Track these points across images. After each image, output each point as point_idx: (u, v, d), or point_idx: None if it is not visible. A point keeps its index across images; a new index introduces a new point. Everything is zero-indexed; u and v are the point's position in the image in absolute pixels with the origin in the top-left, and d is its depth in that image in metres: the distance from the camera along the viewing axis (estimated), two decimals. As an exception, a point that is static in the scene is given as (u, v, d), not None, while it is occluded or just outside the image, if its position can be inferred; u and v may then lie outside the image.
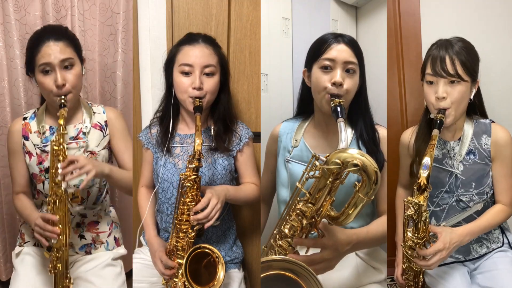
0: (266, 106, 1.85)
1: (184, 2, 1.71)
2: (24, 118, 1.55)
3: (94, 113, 1.55)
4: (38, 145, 1.51)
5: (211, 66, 1.43)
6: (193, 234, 1.35)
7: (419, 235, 1.29)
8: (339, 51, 1.36)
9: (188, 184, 1.32)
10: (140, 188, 1.62)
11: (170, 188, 1.48)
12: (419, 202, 1.25)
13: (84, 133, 1.52)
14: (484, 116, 1.52)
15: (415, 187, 1.26)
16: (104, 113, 1.57)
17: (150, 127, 1.57)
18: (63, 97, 1.41)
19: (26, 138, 1.52)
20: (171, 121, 1.50)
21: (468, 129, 1.46)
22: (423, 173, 1.25)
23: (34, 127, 1.52)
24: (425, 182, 1.24)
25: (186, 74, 1.42)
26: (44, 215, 1.35)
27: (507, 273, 1.43)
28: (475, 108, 1.50)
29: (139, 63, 1.77)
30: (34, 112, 1.56)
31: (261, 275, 1.13)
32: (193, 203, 1.32)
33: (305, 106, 1.54)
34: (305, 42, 1.51)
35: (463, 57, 1.35)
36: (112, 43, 1.89)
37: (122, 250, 1.63)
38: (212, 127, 1.51)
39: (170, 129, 1.50)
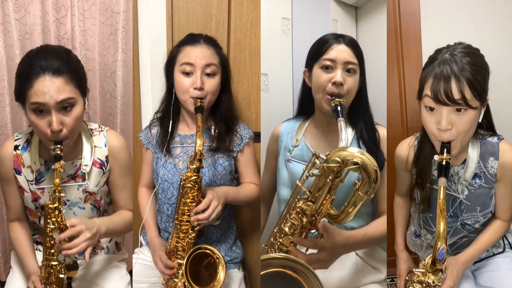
0: (266, 106, 1.85)
1: (184, 2, 1.71)
2: (16, 147, 1.36)
3: (95, 147, 1.38)
4: (31, 181, 1.35)
5: (213, 65, 1.43)
6: (193, 234, 1.35)
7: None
8: (340, 52, 1.36)
9: (189, 185, 1.32)
10: (140, 188, 1.62)
11: (170, 188, 1.48)
12: (432, 282, 1.16)
13: (83, 173, 1.37)
14: (492, 131, 1.35)
15: (428, 263, 1.15)
16: (106, 145, 1.39)
17: (150, 127, 1.57)
18: (58, 146, 1.20)
19: (18, 172, 1.35)
20: (171, 121, 1.50)
21: (474, 151, 1.30)
22: (440, 258, 1.11)
23: (27, 161, 1.34)
24: (441, 268, 1.14)
25: (187, 74, 1.41)
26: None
27: (508, 273, 1.43)
28: (482, 124, 1.31)
29: (139, 63, 1.77)
30: (27, 139, 1.37)
31: (261, 273, 1.13)
32: (193, 204, 1.33)
33: (306, 106, 1.54)
34: (305, 42, 1.51)
35: (470, 75, 1.12)
36: (112, 43, 1.89)
37: (123, 254, 1.61)
38: (213, 127, 1.50)
39: (170, 130, 1.49)
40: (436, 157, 1.20)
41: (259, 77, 1.75)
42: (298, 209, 1.21)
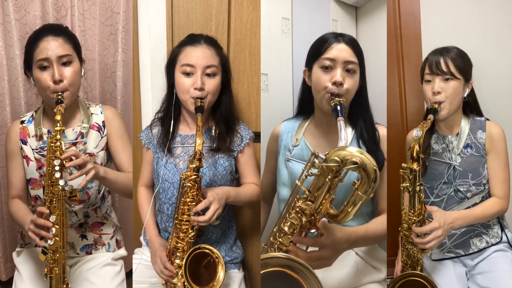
0: (266, 106, 1.85)
1: (184, 2, 1.71)
2: (22, 122, 1.53)
3: (92, 114, 1.54)
4: (36, 149, 1.49)
5: (213, 67, 1.43)
6: (193, 234, 1.35)
7: (415, 212, 1.35)
8: (340, 51, 1.36)
9: (189, 184, 1.32)
10: (139, 188, 1.61)
11: (171, 188, 1.48)
12: (413, 168, 1.34)
13: (82, 135, 1.50)
14: (480, 115, 1.62)
15: (408, 154, 1.36)
16: (101, 113, 1.56)
17: (151, 127, 1.57)
18: (60, 93, 1.39)
19: (24, 142, 1.50)
20: (172, 121, 1.50)
21: (465, 125, 1.57)
22: (414, 141, 1.35)
23: (32, 131, 1.50)
24: (418, 149, 1.34)
25: (188, 74, 1.42)
26: (40, 209, 1.30)
27: (507, 273, 1.44)
28: (471, 108, 1.61)
29: (139, 63, 1.77)
30: (32, 115, 1.54)
31: (261, 272, 1.13)
32: (193, 203, 1.33)
33: (306, 105, 1.54)
34: (305, 42, 1.51)
35: (457, 61, 1.51)
36: (112, 43, 1.89)
37: (122, 252, 1.63)
38: (213, 127, 1.51)
39: (171, 130, 1.50)
40: (428, 105, 1.54)
41: (259, 77, 1.75)
42: (297, 209, 1.21)
